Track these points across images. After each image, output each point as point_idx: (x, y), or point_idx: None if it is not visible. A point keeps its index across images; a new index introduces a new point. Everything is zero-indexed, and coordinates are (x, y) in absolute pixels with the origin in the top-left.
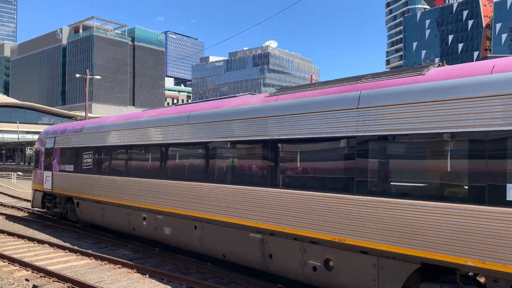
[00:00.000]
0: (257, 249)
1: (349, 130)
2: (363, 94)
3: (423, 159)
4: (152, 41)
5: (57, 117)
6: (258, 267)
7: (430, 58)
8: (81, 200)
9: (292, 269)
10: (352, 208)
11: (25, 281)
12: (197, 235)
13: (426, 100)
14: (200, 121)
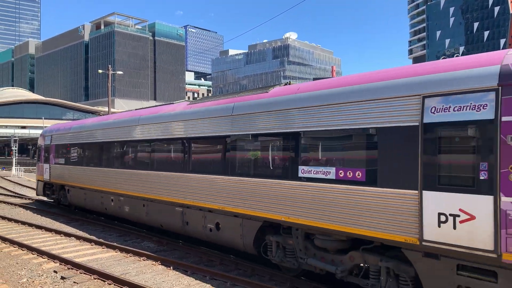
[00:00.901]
0: (179, 219)
1: (226, 131)
2: (235, 105)
3: (263, 150)
4: (172, 35)
5: (81, 112)
6: (181, 232)
7: (455, 46)
8: (70, 187)
9: (199, 231)
10: (227, 184)
11: (54, 272)
12: (145, 211)
13: (267, 110)
14: (145, 123)
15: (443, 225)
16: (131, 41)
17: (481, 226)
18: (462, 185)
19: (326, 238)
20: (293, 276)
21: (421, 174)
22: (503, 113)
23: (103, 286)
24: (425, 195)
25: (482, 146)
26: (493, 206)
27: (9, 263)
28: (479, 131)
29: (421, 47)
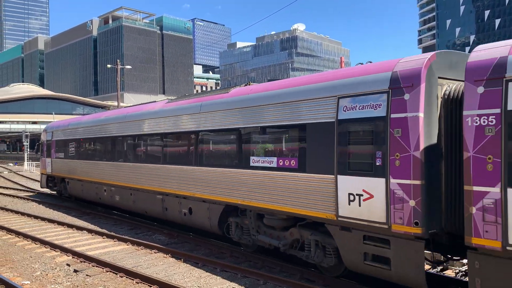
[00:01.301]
0: (160, 205)
1: (195, 126)
2: (203, 104)
3: (224, 144)
4: (180, 29)
5: (90, 107)
6: (162, 217)
7: (465, 35)
8: (70, 179)
9: (175, 215)
10: (196, 174)
11: (67, 266)
12: (132, 199)
13: (227, 108)
14: (130, 120)
15: (351, 203)
16: (139, 35)
17: (377, 203)
18: (364, 170)
19: (272, 217)
20: (251, 252)
21: (336, 161)
22: (392, 111)
23: (115, 278)
24: (339, 179)
25: (377, 138)
26: (385, 186)
27: (23, 256)
28: (376, 126)
29: (431, 36)
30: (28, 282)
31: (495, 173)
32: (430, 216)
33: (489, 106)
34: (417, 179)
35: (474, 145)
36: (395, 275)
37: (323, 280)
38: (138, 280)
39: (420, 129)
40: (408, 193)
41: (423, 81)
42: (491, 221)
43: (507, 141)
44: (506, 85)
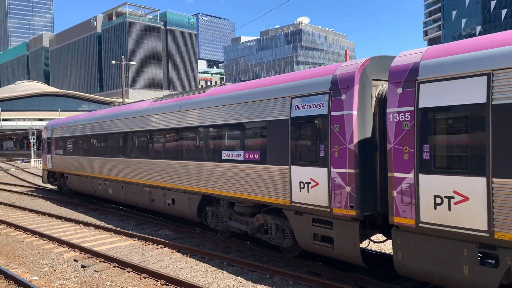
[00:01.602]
0: (147, 197)
1: (176, 124)
2: (182, 103)
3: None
4: (184, 24)
5: (96, 103)
6: (149, 207)
7: (471, 26)
8: (68, 175)
9: (161, 206)
10: (178, 167)
11: (74, 261)
12: (123, 192)
13: (204, 107)
14: (120, 117)
15: (302, 190)
16: (143, 31)
17: (321, 189)
18: (311, 161)
19: (241, 205)
20: (225, 238)
21: (290, 154)
22: (332, 110)
23: (122, 273)
24: (292, 169)
25: (321, 133)
26: (327, 175)
27: (31, 252)
28: (320, 123)
29: (436, 28)
30: (36, 278)
31: (410, 161)
32: (363, 200)
33: (406, 104)
34: (351, 168)
35: (395, 138)
36: (337, 253)
37: (329, 274)
38: (145, 275)
39: (354, 125)
40: (345, 180)
41: (357, 83)
42: (407, 203)
43: (418, 134)
44: (418, 86)
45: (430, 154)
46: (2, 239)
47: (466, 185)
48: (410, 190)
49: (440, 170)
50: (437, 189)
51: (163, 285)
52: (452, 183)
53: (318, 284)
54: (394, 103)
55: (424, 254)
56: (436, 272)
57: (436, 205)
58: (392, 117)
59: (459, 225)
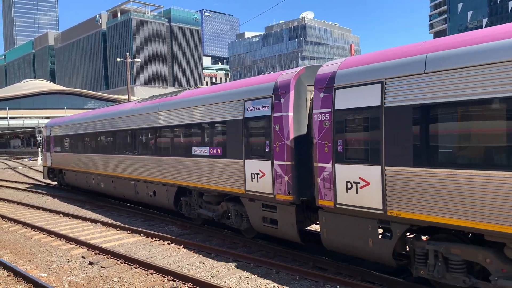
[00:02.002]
0: (133, 189)
1: (155, 123)
2: (160, 104)
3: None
4: (188, 20)
5: (102, 101)
6: (135, 199)
7: (478, 19)
8: (66, 170)
9: (144, 197)
10: (157, 162)
11: (82, 258)
12: (113, 185)
13: (177, 108)
14: (108, 118)
15: (253, 180)
16: (148, 28)
17: (267, 179)
18: (260, 155)
19: (208, 195)
20: (198, 225)
21: (243, 149)
22: (274, 111)
23: (129, 270)
24: (246, 162)
25: (266, 131)
26: (271, 166)
27: (39, 249)
28: (265, 122)
29: (442, 21)
30: (45, 275)
31: (329, 154)
32: (299, 187)
33: (326, 106)
34: (289, 161)
35: (318, 134)
36: (280, 232)
37: (335, 268)
38: (152, 271)
39: (290, 124)
40: (284, 171)
41: (292, 89)
42: (328, 188)
43: (334, 131)
44: (335, 92)
45: (342, 147)
46: (11, 237)
47: (367, 172)
48: (330, 177)
49: (349, 161)
50: (348, 176)
51: (170, 280)
52: (358, 171)
53: (324, 278)
54: (318, 106)
55: (341, 231)
56: (351, 245)
57: (347, 189)
58: (316, 117)
59: (364, 205)
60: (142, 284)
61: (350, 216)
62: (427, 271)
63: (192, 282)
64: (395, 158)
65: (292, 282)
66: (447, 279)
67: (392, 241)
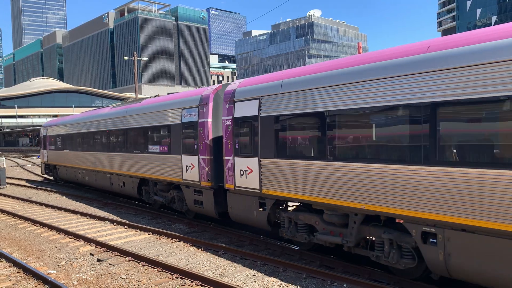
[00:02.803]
0: (108, 181)
1: (123, 125)
2: (128, 110)
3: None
4: (195, 19)
5: (109, 99)
6: (110, 189)
7: (487, 16)
8: (58, 166)
9: (116, 188)
10: (125, 158)
11: (90, 255)
12: (94, 178)
13: (139, 113)
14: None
15: (187, 171)
16: (155, 26)
17: (195, 170)
18: (191, 151)
19: (160, 184)
20: (156, 210)
21: (181, 146)
22: (199, 118)
23: (137, 267)
24: (183, 157)
25: (195, 133)
26: (198, 160)
27: (48, 247)
28: (194, 126)
29: (450, 18)
30: (54, 271)
31: (231, 150)
32: (216, 175)
33: (229, 114)
34: (208, 156)
35: (225, 135)
36: (205, 210)
37: (342, 267)
38: (160, 269)
39: (209, 128)
40: (205, 163)
41: (211, 101)
42: (230, 174)
43: (233, 133)
44: (234, 104)
45: (238, 145)
46: (20, 234)
47: (251, 163)
48: (231, 167)
49: (242, 154)
50: (241, 165)
51: (177, 278)
52: (247, 162)
53: (332, 277)
54: (225, 114)
55: (239, 206)
56: (245, 216)
57: (241, 175)
58: (224, 122)
59: (250, 187)
60: (150, 282)
61: (244, 195)
62: (286, 233)
63: (200, 279)
64: (266, 152)
65: (299, 280)
66: (297, 237)
67: (266, 212)
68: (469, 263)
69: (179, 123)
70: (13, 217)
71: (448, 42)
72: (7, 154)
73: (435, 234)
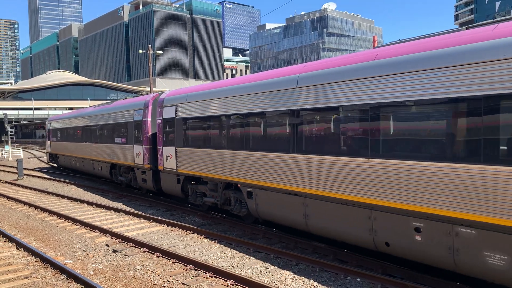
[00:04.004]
0: (91, 167)
1: (100, 122)
2: (103, 109)
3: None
4: (209, 12)
5: (124, 92)
6: (92, 173)
7: (506, 9)
8: (59, 155)
9: (97, 172)
10: (98, 148)
11: (106, 246)
12: (83, 165)
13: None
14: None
15: (137, 157)
16: (170, 20)
17: (141, 156)
18: (138, 142)
19: (123, 167)
20: (123, 187)
21: (133, 138)
22: (143, 117)
23: (152, 258)
24: (134, 147)
25: (141, 128)
26: (143, 149)
27: (64, 237)
28: (141, 123)
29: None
30: (70, 261)
31: (161, 141)
32: (153, 160)
33: (160, 116)
34: (148, 145)
35: (158, 131)
36: (148, 186)
37: (356, 261)
38: (174, 260)
39: (149, 125)
40: (147, 151)
41: (150, 105)
42: (161, 159)
43: (162, 130)
44: (163, 109)
45: (165, 138)
46: (38, 224)
47: (172, 151)
48: (161, 154)
49: (167, 145)
50: (166, 153)
51: (191, 269)
52: (169, 150)
53: (345, 271)
54: (158, 115)
55: (167, 182)
56: (171, 188)
57: (166, 159)
58: (157, 122)
59: (171, 167)
60: (165, 273)
61: (168, 173)
62: (190, 199)
63: (213, 271)
64: (179, 143)
65: (312, 274)
66: (196, 201)
67: (180, 185)
68: (265, 208)
69: (132, 121)
70: (30, 207)
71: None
72: (24, 146)
73: (252, 192)
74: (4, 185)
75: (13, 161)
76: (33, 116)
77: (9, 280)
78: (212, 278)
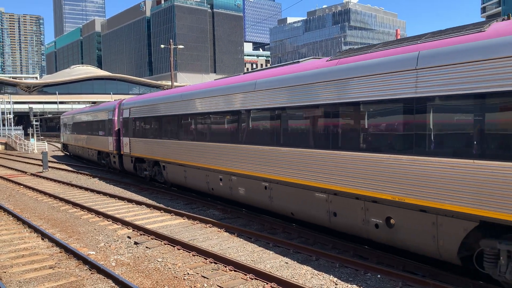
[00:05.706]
0: (87, 153)
1: (89, 119)
2: (90, 109)
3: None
4: (230, 6)
5: (146, 87)
6: (88, 158)
7: None
8: (69, 144)
9: (90, 157)
10: (88, 139)
11: (127, 238)
12: (81, 152)
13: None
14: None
15: (110, 145)
16: (191, 14)
17: (111, 144)
18: (110, 134)
19: (104, 153)
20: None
21: (109, 132)
22: (113, 117)
23: (173, 251)
24: (108, 138)
25: (111, 125)
26: (112, 139)
27: (87, 229)
28: (110, 121)
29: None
30: (93, 253)
31: (122, 133)
32: (118, 147)
33: (121, 115)
34: (115, 137)
35: (121, 126)
36: (116, 166)
37: (376, 258)
38: (195, 253)
39: (115, 122)
40: (114, 141)
41: (117, 108)
42: (122, 146)
43: (123, 125)
44: (122, 111)
45: (124, 131)
46: (62, 215)
47: (127, 140)
48: (122, 142)
49: (125, 136)
50: (125, 141)
51: (211, 263)
52: (126, 140)
53: (365, 267)
54: (121, 115)
55: (126, 162)
56: (128, 168)
57: (125, 146)
58: (120, 120)
59: (128, 152)
60: (185, 265)
61: (126, 156)
62: (138, 173)
63: (233, 265)
64: (132, 135)
65: (332, 269)
66: (142, 175)
67: (132, 164)
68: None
69: (107, 119)
70: (55, 199)
71: None
72: (49, 139)
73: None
74: (30, 177)
75: (38, 154)
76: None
77: (34, 270)
78: (231, 272)
